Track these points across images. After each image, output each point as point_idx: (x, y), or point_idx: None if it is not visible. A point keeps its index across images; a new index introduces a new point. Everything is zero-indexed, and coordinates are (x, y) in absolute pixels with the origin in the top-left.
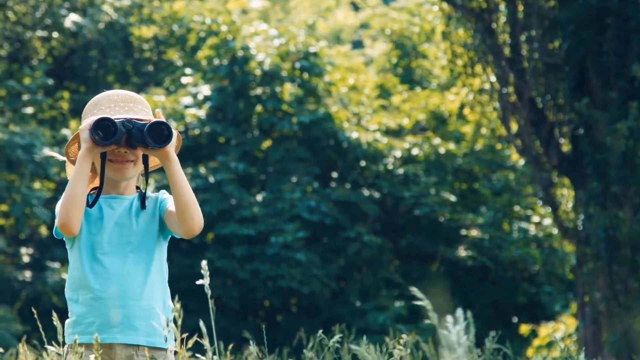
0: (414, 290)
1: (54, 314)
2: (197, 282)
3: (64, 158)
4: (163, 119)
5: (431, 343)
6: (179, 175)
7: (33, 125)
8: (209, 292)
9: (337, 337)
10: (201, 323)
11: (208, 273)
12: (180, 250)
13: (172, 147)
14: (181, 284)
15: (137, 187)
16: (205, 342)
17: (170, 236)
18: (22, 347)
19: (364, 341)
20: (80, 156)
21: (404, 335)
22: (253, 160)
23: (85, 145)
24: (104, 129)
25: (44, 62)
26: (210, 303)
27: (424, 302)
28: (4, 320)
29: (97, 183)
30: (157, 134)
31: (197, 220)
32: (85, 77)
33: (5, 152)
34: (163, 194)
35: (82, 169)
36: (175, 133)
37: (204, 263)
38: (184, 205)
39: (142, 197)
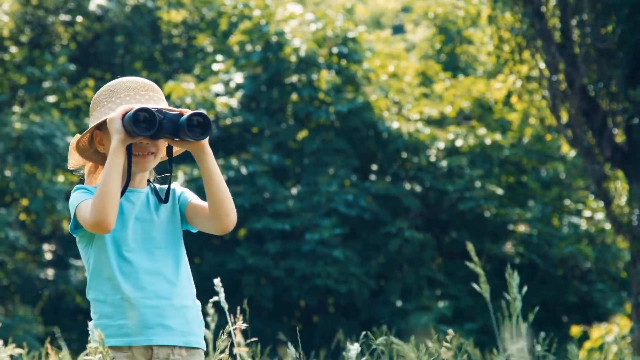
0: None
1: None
2: (211, 300)
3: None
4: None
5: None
6: (214, 169)
7: (55, 114)
8: (225, 306)
9: (381, 339)
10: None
11: (222, 289)
12: (211, 247)
13: (206, 140)
14: (212, 282)
15: (148, 180)
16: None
17: (183, 230)
18: (50, 348)
19: (412, 341)
20: (114, 148)
21: (450, 331)
22: (288, 152)
23: (119, 136)
24: (142, 120)
25: (67, 48)
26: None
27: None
28: (25, 321)
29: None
30: (197, 125)
31: (232, 216)
32: (111, 63)
33: (25, 143)
34: (177, 187)
35: (117, 162)
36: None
37: (217, 281)
38: (219, 202)
39: (166, 191)
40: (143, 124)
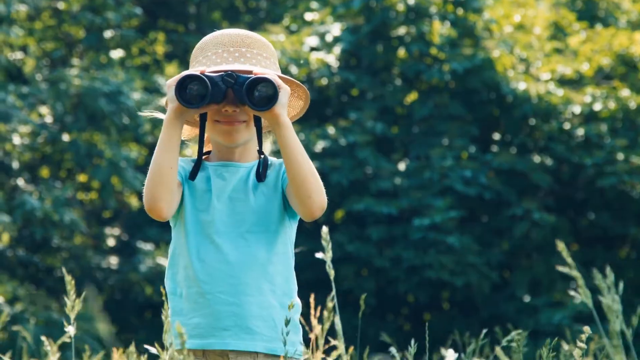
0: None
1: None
2: (317, 255)
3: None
4: (268, 75)
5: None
6: (292, 143)
7: (119, 71)
8: (331, 272)
9: (513, 334)
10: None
11: (330, 245)
12: (303, 232)
13: (282, 109)
14: (305, 274)
15: (261, 152)
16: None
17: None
18: (116, 351)
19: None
20: (167, 120)
21: (586, 328)
22: (394, 118)
23: (172, 105)
24: (189, 89)
25: None
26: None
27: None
28: (83, 319)
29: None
30: (258, 93)
31: (315, 198)
32: (185, 14)
33: (85, 102)
34: None
35: (170, 137)
36: (287, 90)
37: (324, 230)
38: (300, 182)
39: (263, 166)
40: (188, 93)
